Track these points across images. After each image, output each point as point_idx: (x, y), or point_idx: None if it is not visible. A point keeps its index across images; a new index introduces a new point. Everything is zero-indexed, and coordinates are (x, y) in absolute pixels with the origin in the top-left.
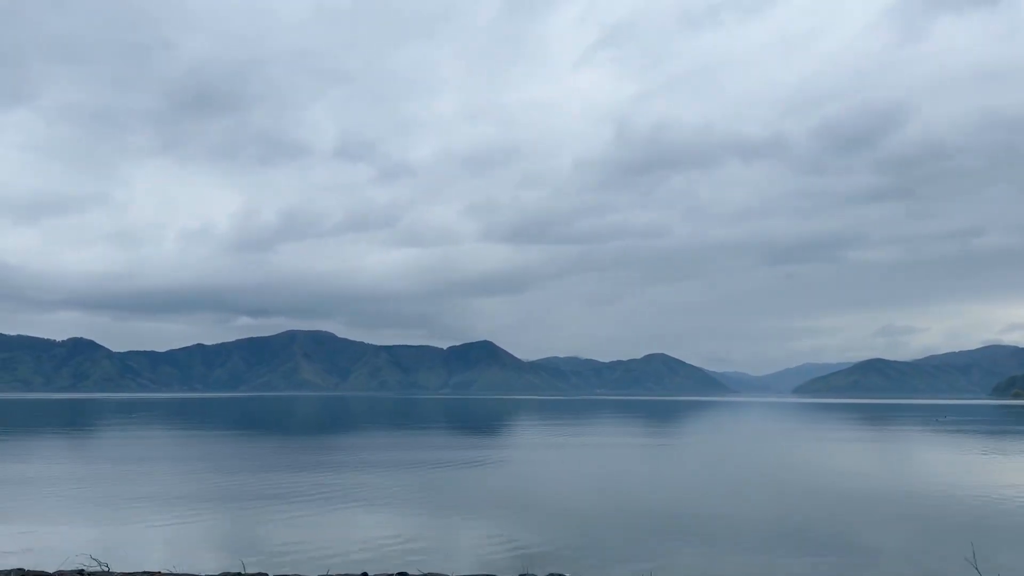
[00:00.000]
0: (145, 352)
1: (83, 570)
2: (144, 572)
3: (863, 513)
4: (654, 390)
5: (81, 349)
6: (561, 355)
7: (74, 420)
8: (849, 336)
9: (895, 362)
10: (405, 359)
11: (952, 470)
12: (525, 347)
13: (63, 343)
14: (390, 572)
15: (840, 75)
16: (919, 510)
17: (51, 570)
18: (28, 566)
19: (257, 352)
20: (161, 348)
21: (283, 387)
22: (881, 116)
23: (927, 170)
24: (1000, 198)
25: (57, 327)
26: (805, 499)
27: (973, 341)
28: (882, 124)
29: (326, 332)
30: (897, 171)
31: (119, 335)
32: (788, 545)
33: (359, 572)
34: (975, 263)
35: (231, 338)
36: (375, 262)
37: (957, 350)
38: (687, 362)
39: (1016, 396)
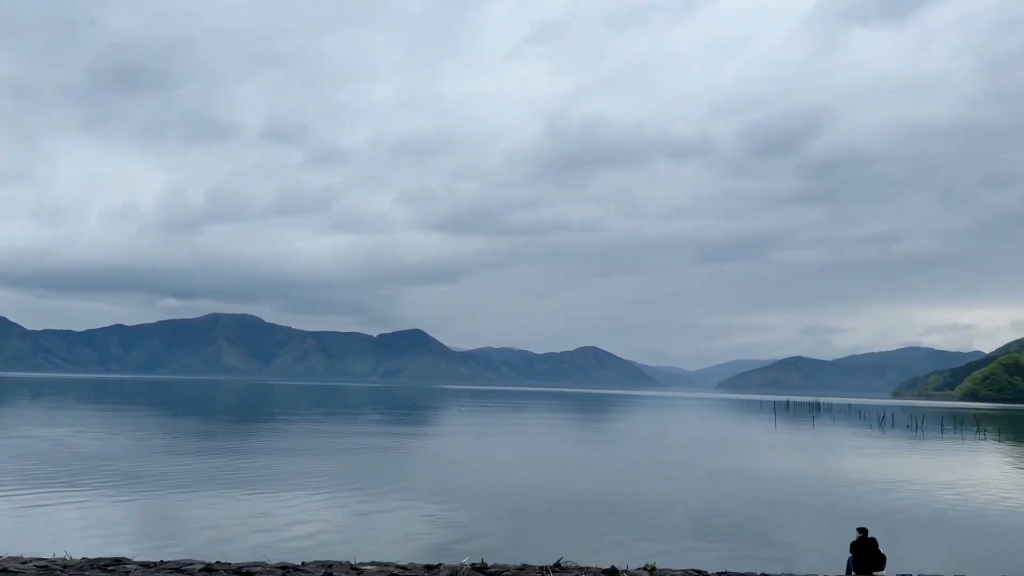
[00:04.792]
0: (61, 331)
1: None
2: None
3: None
4: (582, 382)
5: None
6: (495, 346)
7: None
8: (779, 334)
9: (814, 360)
10: (333, 345)
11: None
12: (458, 337)
13: None
14: (316, 560)
15: (764, 81)
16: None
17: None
18: None
19: (178, 335)
20: (78, 328)
21: (204, 371)
22: (803, 122)
23: (847, 175)
24: (917, 206)
25: None
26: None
27: (896, 342)
28: (804, 130)
29: (252, 316)
30: (819, 176)
31: (35, 313)
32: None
33: (280, 563)
34: (897, 267)
35: (153, 319)
36: (306, 247)
37: (878, 350)
38: (619, 356)
39: (895, 396)
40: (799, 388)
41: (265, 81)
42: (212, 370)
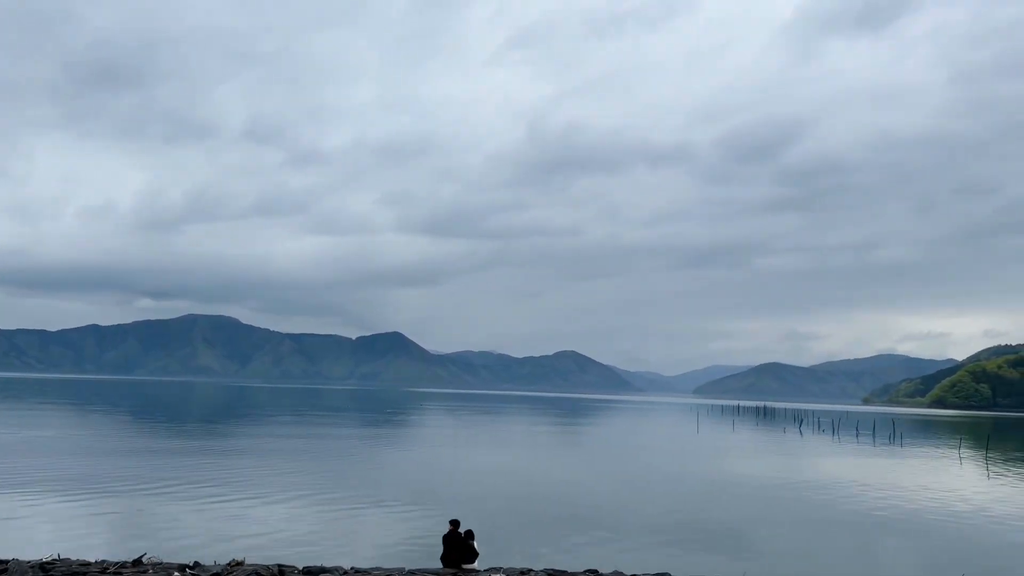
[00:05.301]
0: (35, 331)
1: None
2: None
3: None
4: (561, 387)
5: None
6: (475, 349)
7: None
8: (756, 340)
9: (791, 366)
10: (311, 348)
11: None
12: (438, 340)
13: None
14: (295, 564)
15: (742, 89)
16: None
17: None
18: None
19: (155, 335)
20: (53, 327)
21: (180, 372)
22: (781, 130)
23: (825, 184)
24: (893, 214)
25: None
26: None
27: (871, 349)
28: (782, 138)
29: (229, 317)
30: (797, 183)
31: (8, 312)
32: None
33: (271, 564)
34: (873, 275)
35: (129, 320)
36: (285, 248)
37: (854, 358)
38: (598, 360)
39: (866, 402)
40: (776, 394)
41: (246, 81)
42: (188, 372)
